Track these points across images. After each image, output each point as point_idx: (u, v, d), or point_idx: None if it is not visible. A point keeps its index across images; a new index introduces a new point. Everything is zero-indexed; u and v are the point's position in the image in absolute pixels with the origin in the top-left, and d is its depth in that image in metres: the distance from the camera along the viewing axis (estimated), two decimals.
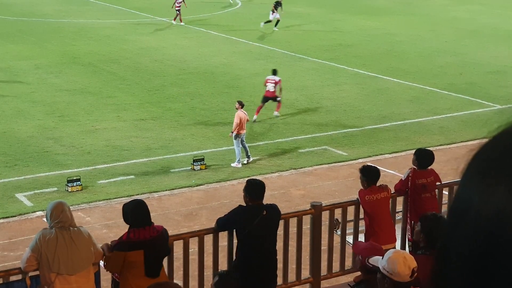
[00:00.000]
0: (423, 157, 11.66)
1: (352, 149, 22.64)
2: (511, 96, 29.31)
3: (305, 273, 10.96)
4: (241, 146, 21.02)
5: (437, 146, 22.84)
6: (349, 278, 11.22)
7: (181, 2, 44.36)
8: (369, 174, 10.81)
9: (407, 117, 26.22)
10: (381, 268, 6.26)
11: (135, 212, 8.69)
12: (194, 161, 20.68)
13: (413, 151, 12.13)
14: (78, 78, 30.73)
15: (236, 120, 20.96)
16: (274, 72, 26.12)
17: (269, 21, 43.16)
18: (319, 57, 35.81)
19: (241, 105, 21.36)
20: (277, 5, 43.56)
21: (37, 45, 37.47)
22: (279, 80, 25.72)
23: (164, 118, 25.30)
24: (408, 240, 11.59)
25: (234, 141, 21.01)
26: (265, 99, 25.51)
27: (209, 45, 38.28)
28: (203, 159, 20.82)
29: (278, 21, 43.22)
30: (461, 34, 42.96)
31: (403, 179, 11.56)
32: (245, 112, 21.28)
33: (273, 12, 43.38)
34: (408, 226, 11.47)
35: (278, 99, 25.66)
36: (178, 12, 44.25)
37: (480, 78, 32.12)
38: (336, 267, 11.14)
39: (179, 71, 32.38)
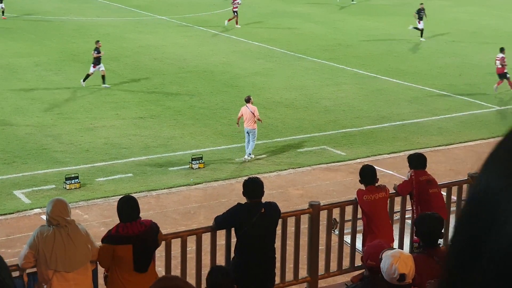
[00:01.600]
0: (416, 158, 11.70)
1: (351, 149, 22.64)
2: (510, 98, 29.34)
3: (303, 272, 10.95)
4: (248, 140, 21.23)
5: (436, 146, 22.87)
6: (347, 277, 11.23)
7: (237, 3, 43.74)
8: (366, 175, 10.80)
9: (405, 117, 26.24)
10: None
11: (124, 207, 8.72)
12: (192, 159, 20.69)
13: (412, 152, 12.13)
14: (77, 75, 30.71)
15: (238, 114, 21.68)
16: (501, 50, 29.64)
17: (420, 30, 41.02)
18: (318, 56, 35.82)
19: (245, 100, 21.61)
20: (421, 12, 41.32)
21: (37, 43, 37.46)
22: (501, 57, 29.38)
23: (163, 117, 25.30)
24: (414, 242, 11.51)
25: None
26: (500, 75, 29.40)
27: (208, 44, 38.28)
28: (201, 158, 20.82)
29: (420, 30, 41.09)
30: (461, 35, 42.96)
31: (406, 179, 11.53)
32: (249, 107, 21.28)
33: (420, 20, 41.05)
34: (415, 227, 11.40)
35: (508, 76, 29.16)
36: (235, 14, 43.69)
37: (479, 80, 32.13)
38: (333, 266, 11.13)
39: (179, 70, 32.38)
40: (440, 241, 7.57)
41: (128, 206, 8.71)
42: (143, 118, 25.04)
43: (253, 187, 9.40)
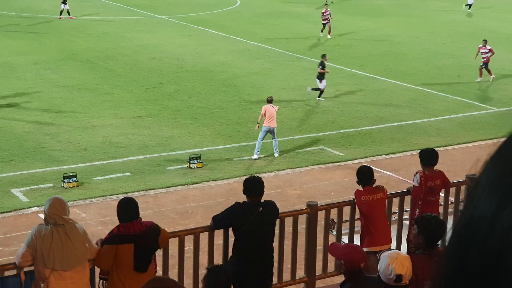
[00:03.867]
0: (429, 154, 11.70)
1: (349, 150, 22.64)
2: (509, 99, 29.35)
3: (300, 272, 10.96)
4: (262, 139, 21.27)
5: (434, 148, 22.82)
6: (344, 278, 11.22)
7: (328, 15, 41.65)
8: (363, 175, 10.80)
9: (404, 118, 26.24)
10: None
11: (124, 207, 8.76)
12: (190, 159, 20.68)
13: (409, 153, 12.13)
14: (75, 74, 30.71)
15: (261, 112, 21.58)
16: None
17: None
18: (317, 57, 35.78)
19: (268, 100, 21.75)
20: None
21: (35, 41, 37.44)
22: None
23: (161, 116, 25.29)
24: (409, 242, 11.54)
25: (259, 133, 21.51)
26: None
27: (207, 44, 38.27)
28: (199, 157, 20.82)
29: None
30: (459, 36, 42.99)
31: (416, 185, 11.38)
32: (273, 106, 21.46)
33: None
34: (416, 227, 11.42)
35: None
36: (324, 26, 41.66)
37: (478, 81, 32.12)
38: (331, 267, 11.10)
39: (177, 69, 32.37)
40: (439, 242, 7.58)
41: (127, 207, 8.74)
42: (141, 117, 25.03)
43: (253, 185, 9.42)
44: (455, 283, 1.05)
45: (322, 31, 41.94)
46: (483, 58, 32.27)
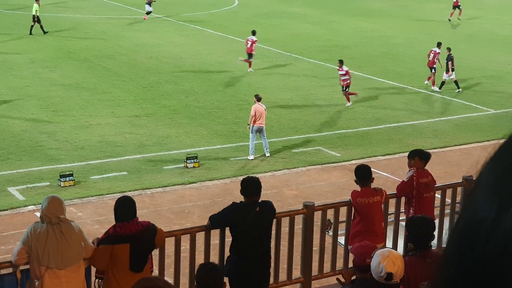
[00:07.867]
0: (422, 152, 11.79)
1: (346, 150, 22.65)
2: (506, 101, 29.38)
3: (296, 273, 10.96)
4: (254, 139, 21.27)
5: (431, 149, 22.80)
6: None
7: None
8: (361, 173, 10.77)
9: (401, 119, 26.25)
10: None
11: (121, 207, 8.75)
12: (187, 158, 20.68)
13: (407, 154, 12.11)
14: (73, 73, 30.68)
15: (251, 113, 21.44)
16: (438, 45, 31.77)
17: None
18: (314, 57, 35.83)
19: (257, 98, 21.71)
20: None
21: (33, 39, 37.40)
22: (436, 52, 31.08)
23: (158, 115, 25.28)
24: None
25: (250, 134, 21.40)
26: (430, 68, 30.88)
27: (205, 43, 38.26)
28: (196, 157, 20.81)
29: None
30: (457, 38, 43.01)
31: (405, 180, 11.46)
32: (262, 105, 21.51)
33: None
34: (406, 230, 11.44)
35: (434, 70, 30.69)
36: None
37: (475, 83, 32.17)
38: (327, 267, 11.14)
39: (175, 69, 32.36)
40: (434, 243, 7.58)
41: (125, 206, 8.73)
42: (138, 117, 25.02)
43: (250, 185, 9.43)
44: (455, 285, 1.04)
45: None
46: (343, 80, 27.46)
